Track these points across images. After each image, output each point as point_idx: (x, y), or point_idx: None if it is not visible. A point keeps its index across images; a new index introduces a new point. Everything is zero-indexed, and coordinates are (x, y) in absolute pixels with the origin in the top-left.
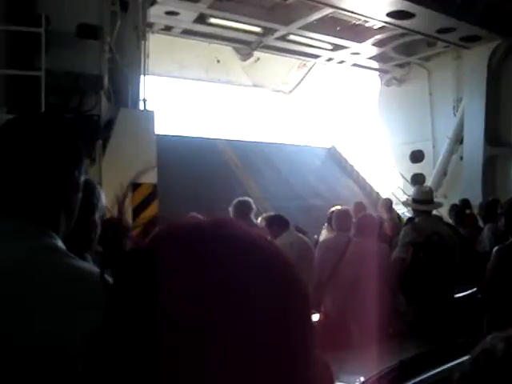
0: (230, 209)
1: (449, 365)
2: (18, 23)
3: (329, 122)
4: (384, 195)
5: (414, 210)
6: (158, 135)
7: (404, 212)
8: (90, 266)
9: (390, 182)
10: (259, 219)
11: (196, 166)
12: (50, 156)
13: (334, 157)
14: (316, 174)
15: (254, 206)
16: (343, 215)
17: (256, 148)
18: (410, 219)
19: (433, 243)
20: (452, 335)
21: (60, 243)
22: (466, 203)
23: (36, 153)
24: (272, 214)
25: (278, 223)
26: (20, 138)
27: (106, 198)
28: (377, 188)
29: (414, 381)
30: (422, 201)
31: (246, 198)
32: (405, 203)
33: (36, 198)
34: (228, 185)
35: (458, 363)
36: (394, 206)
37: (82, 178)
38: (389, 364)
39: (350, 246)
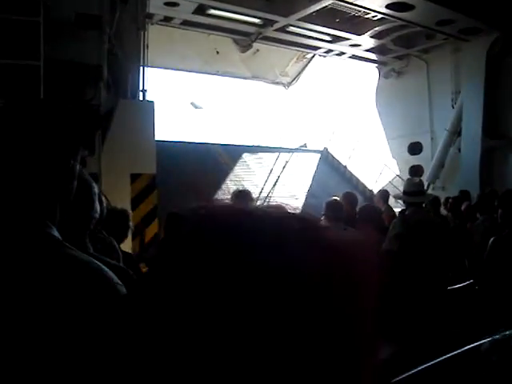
0: (230, 197)
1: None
2: (17, 12)
3: (326, 119)
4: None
5: (405, 202)
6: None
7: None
8: (87, 256)
9: (385, 177)
10: None
11: (191, 170)
12: (45, 145)
13: (326, 158)
14: (309, 175)
15: (253, 196)
16: (335, 205)
17: (250, 151)
18: (401, 211)
19: (419, 235)
20: (443, 326)
21: (56, 233)
22: (465, 195)
23: (31, 142)
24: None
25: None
26: (15, 126)
27: (104, 187)
28: (370, 186)
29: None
30: (412, 192)
31: (246, 188)
32: (396, 196)
33: (32, 187)
34: (223, 185)
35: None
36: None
37: (78, 167)
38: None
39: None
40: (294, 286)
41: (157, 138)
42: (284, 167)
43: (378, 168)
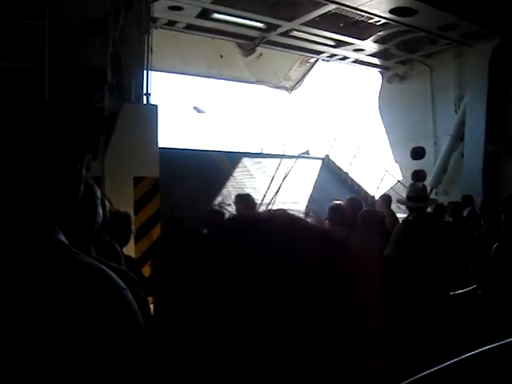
0: (233, 203)
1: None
2: (23, 16)
3: (328, 124)
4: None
5: (408, 208)
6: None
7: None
8: (93, 261)
9: (386, 183)
10: None
11: (194, 177)
12: (52, 150)
13: (328, 166)
14: (311, 182)
15: (255, 200)
16: (337, 209)
17: (252, 158)
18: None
19: (421, 240)
20: (445, 331)
21: (63, 237)
22: (468, 200)
23: (39, 147)
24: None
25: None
26: (22, 132)
27: (108, 191)
28: (372, 192)
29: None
30: (415, 198)
31: (247, 192)
32: (399, 201)
33: (39, 192)
34: (226, 192)
35: None
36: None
37: (84, 172)
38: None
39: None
40: (297, 280)
41: (160, 143)
42: (286, 174)
43: (380, 174)
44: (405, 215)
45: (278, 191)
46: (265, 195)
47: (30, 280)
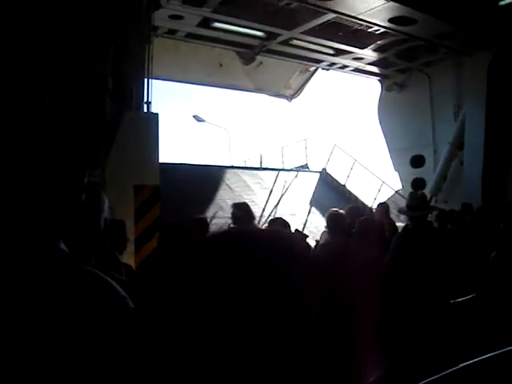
0: (234, 212)
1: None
2: (25, 25)
3: (326, 136)
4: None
5: (408, 217)
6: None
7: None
8: (94, 270)
9: (383, 194)
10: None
11: (192, 191)
12: (54, 159)
13: (325, 179)
14: (309, 194)
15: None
16: (336, 217)
17: (250, 172)
18: (405, 226)
19: (420, 248)
20: (445, 340)
21: (63, 246)
22: (467, 208)
23: (40, 155)
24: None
25: (281, 224)
26: (23, 141)
27: (109, 200)
28: (369, 203)
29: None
30: (415, 206)
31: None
32: (400, 211)
33: (40, 201)
34: (224, 205)
35: None
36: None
37: (86, 180)
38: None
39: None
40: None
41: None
42: (284, 188)
43: (377, 185)
44: (404, 224)
45: (277, 205)
46: (264, 208)
47: (31, 289)
